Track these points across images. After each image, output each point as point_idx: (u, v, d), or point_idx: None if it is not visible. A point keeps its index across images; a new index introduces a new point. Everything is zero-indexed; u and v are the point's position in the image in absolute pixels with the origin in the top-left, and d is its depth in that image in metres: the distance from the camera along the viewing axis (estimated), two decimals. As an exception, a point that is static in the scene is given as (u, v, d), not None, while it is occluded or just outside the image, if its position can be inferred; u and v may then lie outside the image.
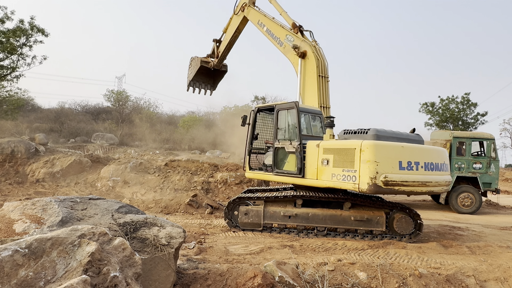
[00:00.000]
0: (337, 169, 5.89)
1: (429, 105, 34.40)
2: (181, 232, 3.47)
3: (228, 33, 11.39)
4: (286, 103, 7.01)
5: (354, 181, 5.61)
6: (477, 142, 11.83)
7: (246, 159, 7.64)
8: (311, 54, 8.17)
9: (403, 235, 6.39)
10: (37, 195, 11.38)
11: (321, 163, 6.17)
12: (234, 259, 4.70)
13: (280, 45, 9.08)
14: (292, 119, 6.92)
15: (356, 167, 5.59)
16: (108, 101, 35.75)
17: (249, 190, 7.94)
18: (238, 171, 13.98)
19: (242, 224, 6.97)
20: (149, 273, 3.01)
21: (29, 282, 2.28)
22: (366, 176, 5.43)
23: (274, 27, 9.47)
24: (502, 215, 11.15)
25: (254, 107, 7.77)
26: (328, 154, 6.08)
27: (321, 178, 6.15)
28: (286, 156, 6.85)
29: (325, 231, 6.57)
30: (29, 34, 17.42)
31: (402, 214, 6.43)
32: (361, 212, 6.52)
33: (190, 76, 12.50)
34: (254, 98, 25.21)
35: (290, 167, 6.72)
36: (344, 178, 5.77)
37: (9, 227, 3.16)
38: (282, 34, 9.09)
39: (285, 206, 6.86)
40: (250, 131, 7.68)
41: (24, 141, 15.05)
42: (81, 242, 2.57)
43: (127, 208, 3.94)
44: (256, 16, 10.23)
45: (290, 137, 6.81)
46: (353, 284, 3.77)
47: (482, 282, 4.25)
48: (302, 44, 8.39)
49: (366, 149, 5.52)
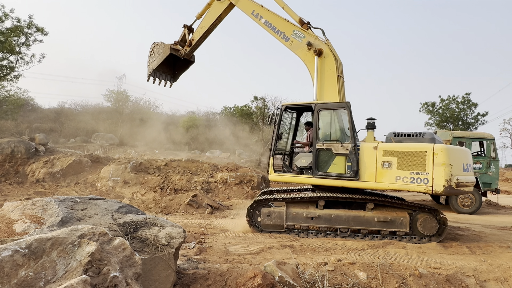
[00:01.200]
0: (403, 171, 5.99)
1: (429, 105, 34.40)
2: (181, 232, 3.47)
3: (206, 20, 10.04)
4: (332, 103, 6.78)
5: (426, 183, 5.82)
6: (477, 142, 11.83)
7: (270, 160, 7.18)
8: (329, 53, 7.82)
9: (427, 235, 6.34)
10: (37, 195, 11.39)
11: (381, 165, 6.16)
12: (234, 259, 4.70)
13: (286, 40, 8.55)
14: (340, 119, 6.74)
15: (428, 170, 5.80)
16: (108, 101, 35.76)
17: (269, 191, 7.89)
18: (238, 171, 13.98)
19: (264, 225, 6.87)
20: (149, 273, 3.01)
21: (29, 282, 2.28)
22: (442, 179, 5.70)
23: (276, 20, 8.77)
24: (502, 215, 11.15)
25: (280, 105, 7.30)
26: (390, 157, 6.11)
27: (381, 180, 6.14)
28: (331, 158, 6.61)
29: (348, 232, 6.52)
30: (28, 33, 17.42)
31: (426, 214, 6.37)
32: (384, 213, 6.47)
33: (154, 64, 10.75)
34: (254, 98, 25.19)
35: (337, 170, 6.51)
36: (412, 180, 5.91)
37: (9, 227, 3.16)
38: (288, 29, 8.53)
39: (307, 208, 6.76)
40: (275, 131, 7.23)
41: (24, 141, 15.05)
42: (81, 242, 2.57)
43: (127, 208, 3.94)
44: (248, 6, 9.23)
45: (340, 138, 6.63)
46: (353, 284, 3.77)
47: (482, 282, 4.25)
48: (317, 42, 8.02)
49: (440, 152, 5.78)
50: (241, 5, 9.43)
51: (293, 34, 8.43)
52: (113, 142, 28.33)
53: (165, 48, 10.54)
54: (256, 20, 9.11)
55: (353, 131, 6.43)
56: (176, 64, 11.16)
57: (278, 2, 9.12)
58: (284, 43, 8.66)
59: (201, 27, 10.14)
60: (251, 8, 9.20)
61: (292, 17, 8.71)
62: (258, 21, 9.06)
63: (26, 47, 17.83)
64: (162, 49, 10.62)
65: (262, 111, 23.11)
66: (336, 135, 6.73)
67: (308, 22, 8.46)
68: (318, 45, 7.99)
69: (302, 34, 8.31)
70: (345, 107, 6.58)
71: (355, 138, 6.40)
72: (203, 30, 10.06)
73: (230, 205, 10.93)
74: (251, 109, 28.85)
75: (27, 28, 17.35)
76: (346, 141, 6.50)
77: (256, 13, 9.08)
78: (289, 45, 8.53)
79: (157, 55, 10.70)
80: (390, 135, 6.77)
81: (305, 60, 8.16)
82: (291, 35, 8.45)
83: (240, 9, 9.50)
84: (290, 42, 8.45)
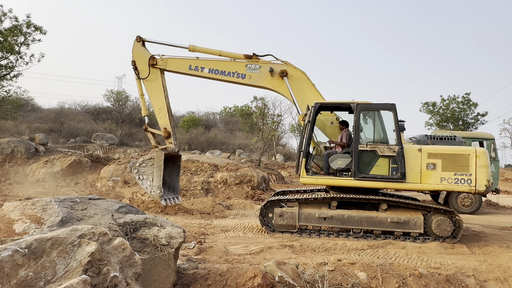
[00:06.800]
0: (448, 173, 6.35)
1: (430, 105, 34.40)
2: (181, 232, 3.47)
3: (157, 101, 8.52)
4: (377, 104, 6.69)
5: (469, 183, 6.29)
6: (477, 142, 11.84)
7: (302, 162, 6.81)
8: (294, 69, 7.67)
9: (441, 237, 6.34)
10: (37, 195, 11.39)
11: (426, 167, 6.39)
12: (234, 259, 4.70)
13: (243, 77, 7.89)
14: (381, 120, 6.70)
15: (471, 171, 6.29)
16: (108, 101, 35.76)
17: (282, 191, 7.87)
18: (238, 171, 13.98)
19: (277, 226, 6.84)
20: (149, 273, 3.01)
21: (29, 282, 2.28)
22: (484, 179, 6.26)
23: (221, 64, 8.01)
24: (502, 215, 11.15)
25: (314, 103, 6.88)
26: (434, 159, 6.39)
27: (426, 182, 6.39)
28: (374, 160, 6.56)
29: (361, 233, 6.50)
30: (27, 33, 17.42)
31: (441, 215, 6.37)
32: (398, 213, 6.45)
33: (157, 182, 8.42)
34: (253, 98, 25.19)
35: (381, 171, 6.50)
36: (457, 181, 6.33)
37: (9, 227, 3.16)
38: (240, 66, 7.92)
39: (320, 208, 6.72)
40: (308, 130, 6.84)
41: (24, 141, 15.06)
42: (81, 242, 2.57)
43: (127, 208, 3.95)
44: (182, 64, 8.30)
45: (383, 140, 6.61)
46: (353, 284, 3.77)
47: (482, 282, 4.25)
48: (276, 65, 7.74)
49: (481, 155, 6.30)
50: (173, 66, 8.36)
51: (247, 69, 7.91)
52: (113, 142, 28.33)
53: (156, 156, 8.48)
54: (198, 73, 8.22)
55: (399, 133, 6.45)
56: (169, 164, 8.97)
57: (211, 52, 8.34)
58: (242, 82, 8.01)
59: (159, 111, 8.59)
60: (185, 64, 8.27)
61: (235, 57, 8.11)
62: (200, 73, 8.19)
63: (26, 46, 17.84)
64: (152, 160, 8.52)
65: (262, 111, 23.11)
66: (380, 137, 6.71)
67: (253, 53, 8.04)
68: (279, 67, 7.71)
69: (257, 65, 7.88)
70: (391, 109, 6.53)
71: (401, 140, 6.44)
72: (164, 111, 8.55)
73: (230, 205, 10.94)
74: (251, 109, 28.88)
75: (26, 28, 17.35)
76: (389, 143, 6.53)
77: (194, 66, 8.21)
78: (248, 80, 7.95)
79: (151, 172, 8.50)
80: (422, 138, 7.09)
81: (273, 87, 7.82)
82: (246, 71, 7.91)
83: (172, 71, 8.44)
84: (249, 77, 7.92)
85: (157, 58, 8.46)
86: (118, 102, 35.06)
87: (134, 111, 34.61)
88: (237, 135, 37.57)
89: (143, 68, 8.55)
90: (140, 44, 8.70)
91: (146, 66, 8.50)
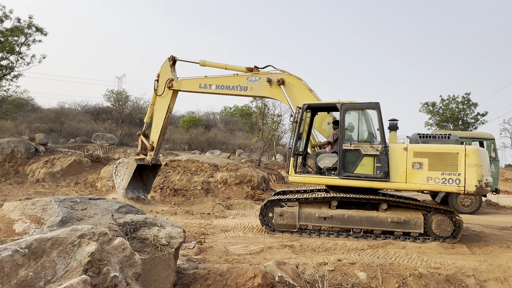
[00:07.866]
0: (435, 172, 6.08)
1: (429, 105, 34.39)
2: (181, 232, 3.47)
3: (158, 118, 9.80)
4: (361, 103, 6.69)
5: (458, 183, 5.97)
6: (477, 142, 11.82)
7: (291, 161, 6.92)
8: (290, 77, 8.02)
9: (441, 237, 6.31)
10: (37, 195, 11.38)
11: (411, 166, 6.20)
12: (234, 259, 4.70)
13: (245, 90, 8.61)
14: (367, 120, 6.70)
15: (460, 171, 5.95)
16: (108, 101, 35.78)
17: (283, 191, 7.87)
18: (238, 171, 13.98)
19: (277, 225, 6.85)
20: (149, 273, 3.01)
21: (29, 282, 2.28)
22: (474, 179, 5.88)
23: (225, 80, 8.84)
24: (502, 215, 11.15)
25: (302, 104, 7.08)
26: (421, 158, 6.16)
27: (412, 181, 6.18)
28: (359, 159, 6.54)
29: (361, 232, 6.49)
30: (28, 34, 17.41)
31: (441, 215, 6.34)
32: (398, 213, 6.43)
33: (124, 183, 10.14)
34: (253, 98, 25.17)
35: (365, 170, 6.46)
36: (444, 181, 6.03)
37: (9, 227, 3.16)
38: (242, 80, 8.65)
39: (320, 208, 6.73)
40: (296, 130, 6.98)
41: (24, 141, 15.06)
42: (81, 242, 2.57)
43: (127, 208, 3.95)
44: (193, 84, 9.25)
45: (368, 139, 6.60)
46: (353, 284, 3.77)
47: (482, 282, 4.25)
48: (273, 75, 8.22)
49: (472, 154, 5.92)
50: (186, 87, 9.38)
51: (249, 81, 8.55)
52: (113, 142, 28.34)
53: (130, 163, 10.12)
54: (207, 90, 9.15)
55: (383, 132, 6.38)
56: (143, 173, 10.65)
57: (218, 66, 9.18)
58: (245, 94, 8.74)
59: (155, 126, 9.90)
60: (196, 84, 9.30)
61: (237, 70, 8.83)
62: (209, 90, 9.10)
63: (26, 47, 17.84)
64: (127, 164, 10.21)
65: (262, 111, 23.10)
66: (364, 136, 6.68)
67: (255, 66, 8.64)
68: (276, 76, 8.18)
69: (257, 77, 8.47)
70: (375, 108, 6.48)
71: (385, 139, 6.38)
72: (158, 128, 9.80)
73: (230, 205, 10.94)
74: (251, 109, 28.86)
75: (27, 29, 17.35)
76: (375, 142, 6.46)
77: (203, 84, 9.14)
78: (250, 92, 8.63)
79: (124, 173, 10.25)
80: (414, 137, 6.78)
81: (273, 95, 8.30)
82: (248, 83, 8.57)
83: (185, 91, 9.56)
84: (250, 89, 8.56)
85: (173, 82, 9.53)
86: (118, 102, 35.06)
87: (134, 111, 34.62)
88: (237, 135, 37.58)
89: (162, 86, 9.71)
90: (171, 63, 9.76)
91: (163, 85, 9.64)
